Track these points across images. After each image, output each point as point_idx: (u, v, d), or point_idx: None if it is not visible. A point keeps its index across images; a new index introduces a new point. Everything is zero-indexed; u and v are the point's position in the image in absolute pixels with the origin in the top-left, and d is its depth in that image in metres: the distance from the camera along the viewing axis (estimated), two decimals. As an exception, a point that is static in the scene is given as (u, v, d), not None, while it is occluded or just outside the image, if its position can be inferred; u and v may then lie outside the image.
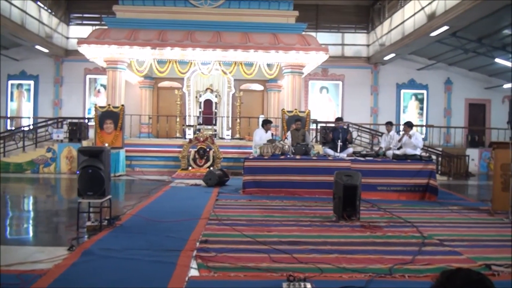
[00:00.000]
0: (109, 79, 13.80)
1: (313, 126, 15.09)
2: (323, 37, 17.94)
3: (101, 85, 17.81)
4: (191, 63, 13.91)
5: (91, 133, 14.05)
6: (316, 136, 15.22)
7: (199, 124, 15.64)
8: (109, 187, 5.67)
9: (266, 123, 10.53)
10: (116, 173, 11.93)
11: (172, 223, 5.86)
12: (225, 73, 14.64)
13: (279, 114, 14.10)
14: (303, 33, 14.20)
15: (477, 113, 19.06)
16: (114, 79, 13.68)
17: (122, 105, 13.06)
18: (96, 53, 13.35)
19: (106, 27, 14.11)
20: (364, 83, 18.68)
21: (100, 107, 13.04)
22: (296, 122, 10.73)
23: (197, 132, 14.25)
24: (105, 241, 4.86)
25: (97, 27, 16.31)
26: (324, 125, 15.14)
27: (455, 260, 4.39)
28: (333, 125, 12.45)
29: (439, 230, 5.77)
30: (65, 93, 18.10)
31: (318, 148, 12.51)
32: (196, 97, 16.20)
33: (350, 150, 9.91)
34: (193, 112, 16.26)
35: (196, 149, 12.79)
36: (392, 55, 16.94)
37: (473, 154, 15.79)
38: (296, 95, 13.90)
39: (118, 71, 13.72)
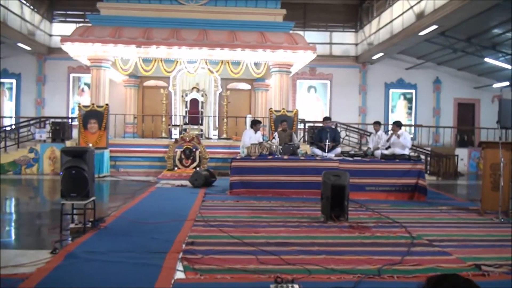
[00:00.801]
0: (93, 77, 13.62)
1: (301, 125, 15.04)
2: (311, 35, 17.92)
3: (85, 84, 17.58)
4: (177, 61, 13.80)
5: (75, 133, 13.78)
6: (303, 136, 15.17)
7: (185, 123, 15.50)
8: (93, 188, 5.61)
9: (256, 124, 10.12)
10: (100, 174, 11.73)
11: (157, 224, 5.77)
12: (211, 72, 14.51)
13: (267, 114, 14.03)
14: (291, 31, 14.17)
15: (466, 112, 19.20)
16: (98, 77, 13.51)
17: (107, 105, 12.87)
18: (79, 51, 13.19)
19: (90, 24, 13.90)
20: (352, 82, 18.71)
21: (84, 106, 12.86)
22: (282, 122, 10.61)
23: (183, 132, 14.12)
24: (89, 244, 4.79)
25: (80, 24, 16.04)
26: (312, 124, 15.10)
27: (444, 260, 4.38)
28: (321, 124, 12.40)
29: (428, 230, 5.75)
30: (48, 92, 17.82)
31: (306, 148, 12.45)
32: (182, 96, 16.05)
33: (338, 150, 9.83)
34: (179, 111, 16.09)
35: (182, 149, 12.68)
36: (381, 54, 16.99)
37: (462, 153, 15.86)
38: (283, 95, 13.86)
39: (102, 70, 13.54)
